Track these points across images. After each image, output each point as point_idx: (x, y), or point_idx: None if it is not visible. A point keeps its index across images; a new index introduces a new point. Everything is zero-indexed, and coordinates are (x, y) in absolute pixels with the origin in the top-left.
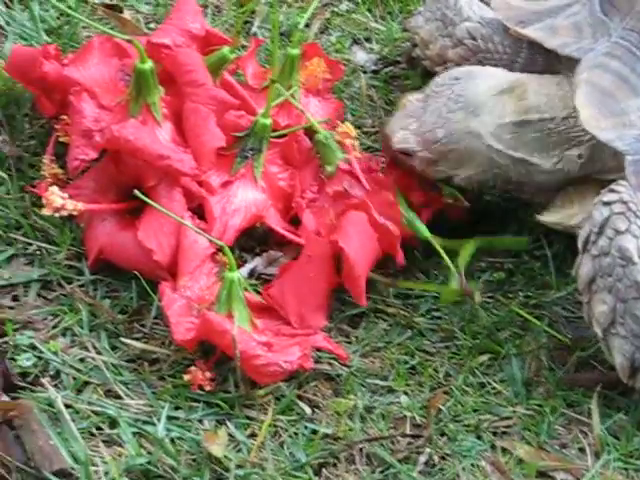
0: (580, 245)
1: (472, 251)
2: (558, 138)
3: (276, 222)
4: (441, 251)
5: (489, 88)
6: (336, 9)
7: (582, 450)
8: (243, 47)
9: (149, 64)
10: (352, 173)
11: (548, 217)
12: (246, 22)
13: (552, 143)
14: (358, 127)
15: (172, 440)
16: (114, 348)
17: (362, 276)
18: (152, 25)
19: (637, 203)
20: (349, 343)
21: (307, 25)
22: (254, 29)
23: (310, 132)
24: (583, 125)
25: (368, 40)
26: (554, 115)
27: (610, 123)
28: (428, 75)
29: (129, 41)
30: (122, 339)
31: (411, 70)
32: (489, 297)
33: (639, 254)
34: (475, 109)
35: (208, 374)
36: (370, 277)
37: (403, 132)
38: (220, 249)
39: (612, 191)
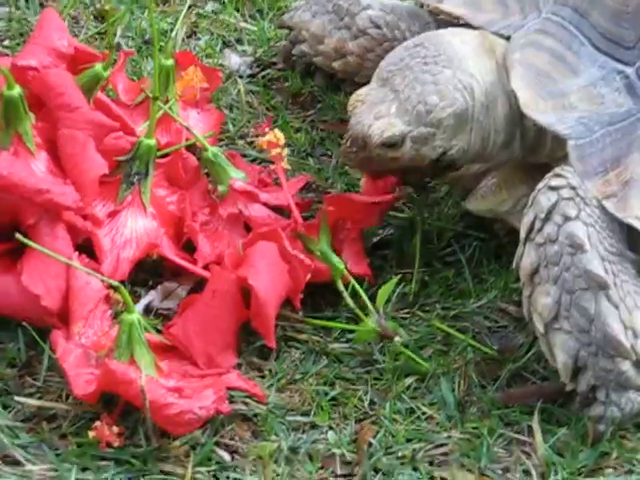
0: (523, 233)
1: (391, 290)
2: None
3: (170, 250)
4: (359, 288)
5: (463, 43)
6: (201, 11)
7: (527, 473)
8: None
9: (17, 90)
10: (247, 192)
11: (476, 204)
12: (105, 31)
13: None
14: (241, 137)
15: None
16: (6, 407)
17: (272, 315)
18: (7, 42)
19: (585, 190)
20: (262, 377)
21: (172, 30)
22: (117, 39)
23: (193, 149)
24: (522, 108)
25: (239, 42)
26: None
27: (550, 105)
28: (308, 75)
29: None
30: (14, 397)
31: (290, 70)
32: (405, 312)
33: (590, 242)
34: (460, 64)
35: (115, 428)
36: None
37: (383, 120)
38: (114, 288)
39: (558, 176)
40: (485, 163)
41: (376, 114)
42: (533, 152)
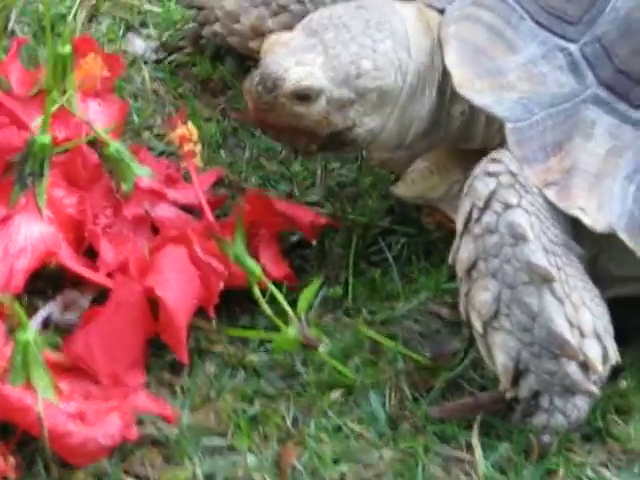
0: (459, 225)
1: (314, 294)
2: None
3: (69, 258)
4: (278, 295)
5: (404, 17)
6: None
7: None
8: None
9: None
10: (153, 191)
11: (405, 190)
12: None
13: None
14: (147, 128)
15: None
16: None
17: (183, 327)
18: None
19: (525, 177)
20: (173, 395)
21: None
22: (11, 25)
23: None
24: (455, 88)
25: (144, 25)
26: None
27: (486, 84)
28: (218, 59)
29: None
30: None
31: (198, 55)
32: (329, 318)
33: (533, 231)
34: (402, 40)
35: (11, 459)
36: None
37: (304, 68)
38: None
39: (496, 161)
40: (397, 151)
41: (298, 60)
42: (463, 140)
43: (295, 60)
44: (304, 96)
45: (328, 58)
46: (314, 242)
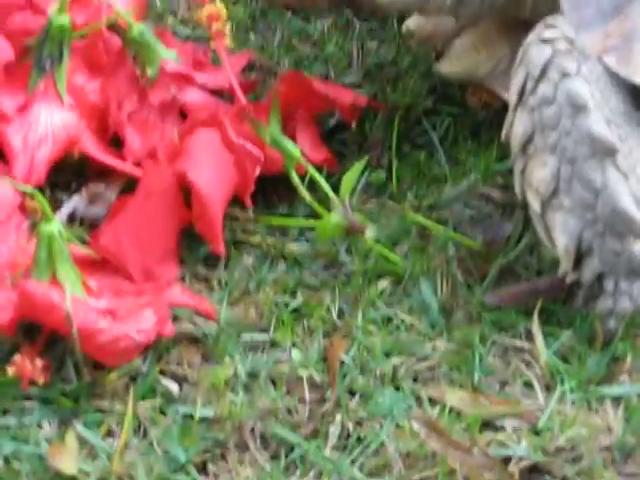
0: (513, 96)
1: (356, 177)
2: None
3: (93, 147)
4: (318, 177)
5: None
6: None
7: (528, 385)
8: None
9: None
10: (180, 74)
11: (450, 67)
12: None
13: None
14: (170, 13)
15: (6, 459)
16: None
17: (218, 216)
18: None
19: (582, 43)
20: (211, 290)
21: None
22: None
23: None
24: None
25: None
26: None
27: None
28: None
29: None
30: None
31: None
32: (373, 204)
33: (594, 101)
34: None
35: (39, 362)
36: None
37: None
38: (29, 195)
39: (551, 26)
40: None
41: None
42: (511, 9)
43: None
44: None
45: None
46: (354, 125)
